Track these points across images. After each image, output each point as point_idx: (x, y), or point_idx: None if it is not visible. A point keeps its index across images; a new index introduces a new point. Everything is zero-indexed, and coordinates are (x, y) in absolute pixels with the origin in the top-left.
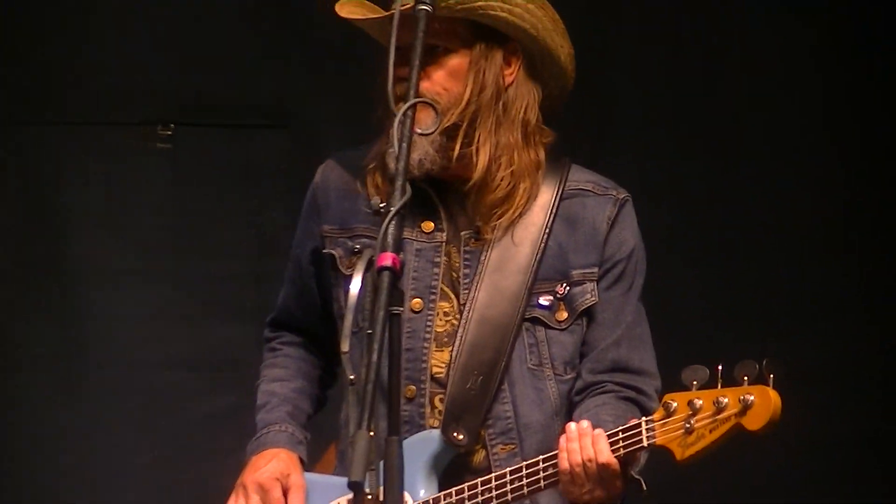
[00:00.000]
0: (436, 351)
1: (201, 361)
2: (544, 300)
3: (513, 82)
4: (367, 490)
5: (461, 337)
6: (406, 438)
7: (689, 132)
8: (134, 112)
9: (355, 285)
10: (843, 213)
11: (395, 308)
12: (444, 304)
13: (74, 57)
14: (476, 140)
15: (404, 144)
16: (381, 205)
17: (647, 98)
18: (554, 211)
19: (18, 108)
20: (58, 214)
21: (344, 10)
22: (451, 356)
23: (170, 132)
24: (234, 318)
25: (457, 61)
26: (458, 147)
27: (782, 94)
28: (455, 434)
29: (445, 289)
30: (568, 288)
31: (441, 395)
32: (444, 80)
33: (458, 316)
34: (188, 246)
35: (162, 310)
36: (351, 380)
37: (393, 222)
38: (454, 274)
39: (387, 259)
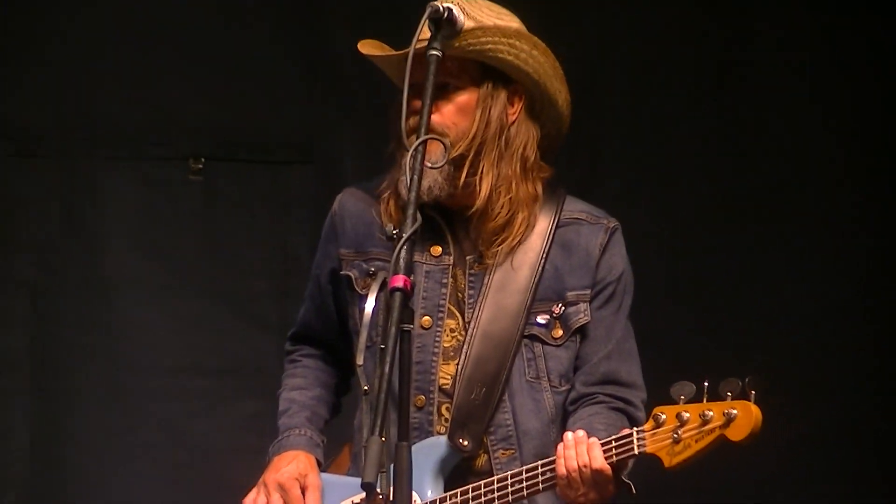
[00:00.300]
0: (443, 364)
1: (229, 369)
2: (542, 319)
3: (515, 121)
4: (379, 490)
5: (466, 352)
6: (415, 443)
7: (676, 144)
8: (169, 146)
9: (370, 304)
10: (843, 219)
11: (406, 325)
12: (451, 322)
13: (114, 94)
14: (480, 170)
15: (415, 176)
16: (394, 231)
17: (641, 107)
18: (551, 237)
19: (66, 143)
20: (99, 238)
21: (365, 48)
22: (457, 369)
23: (201, 165)
24: (259, 330)
25: (465, 98)
26: (463, 176)
27: (786, 98)
28: (460, 440)
29: (452, 308)
30: (563, 308)
31: (448, 405)
32: (453, 115)
33: (463, 332)
34: (219, 266)
35: (194, 323)
36: (365, 390)
37: (405, 247)
38: (460, 294)
39: (399, 281)
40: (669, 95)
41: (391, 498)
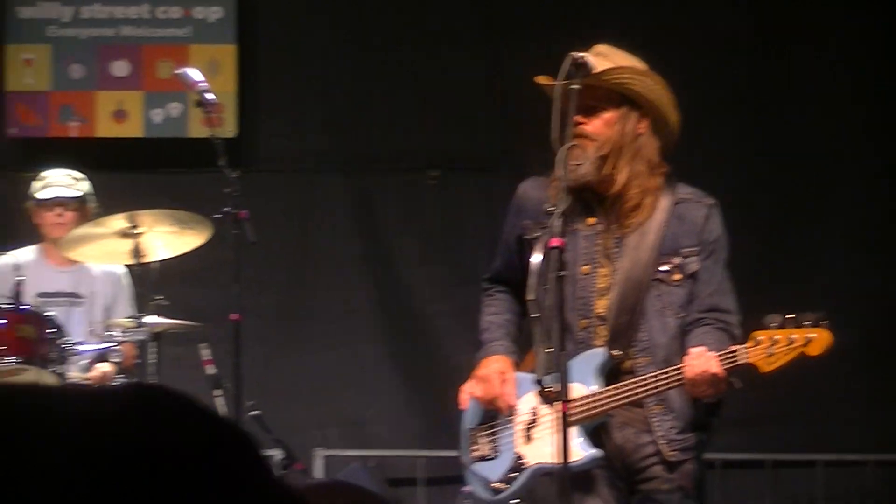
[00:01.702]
0: (598, 299)
1: (458, 312)
2: (665, 267)
3: (642, 133)
4: (546, 386)
5: (614, 290)
6: (581, 353)
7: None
8: (413, 163)
9: (536, 258)
10: (880, 211)
11: (561, 272)
12: (603, 270)
13: (378, 127)
14: (618, 166)
15: (565, 171)
16: (551, 208)
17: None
18: (669, 212)
19: (347, 161)
20: (374, 228)
21: (540, 80)
22: (608, 302)
23: (436, 174)
24: (471, 284)
25: (609, 115)
26: (606, 168)
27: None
28: (613, 350)
29: (603, 260)
30: (680, 260)
31: (603, 326)
32: (601, 127)
33: (612, 277)
34: (449, 244)
35: (446, 281)
36: (535, 317)
37: (559, 219)
38: (608, 251)
39: (555, 241)
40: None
41: (555, 390)
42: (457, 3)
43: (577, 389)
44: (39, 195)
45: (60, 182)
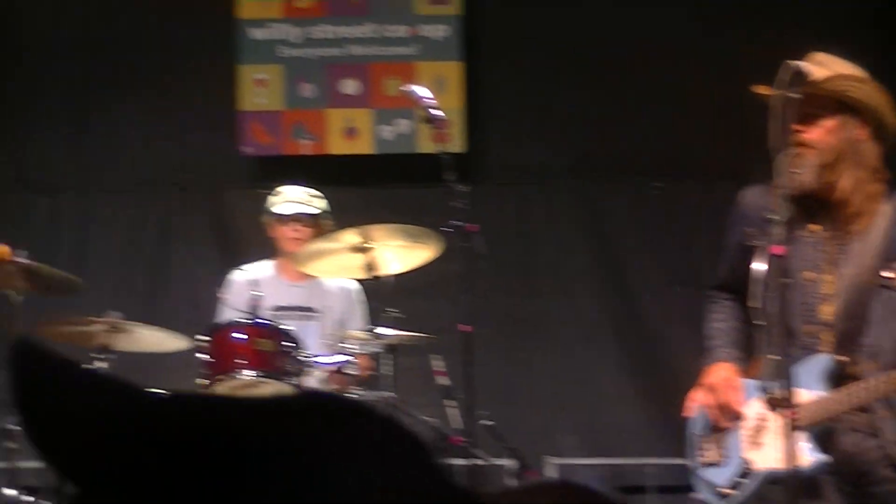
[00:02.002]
0: (823, 305)
1: (685, 319)
2: (889, 273)
3: (863, 140)
4: (772, 391)
5: (840, 296)
6: (806, 360)
7: None
8: (636, 170)
9: (758, 266)
10: None
11: (784, 280)
12: (827, 276)
13: (594, 135)
14: (840, 174)
15: (785, 180)
16: (773, 215)
17: None
18: (892, 218)
19: (574, 171)
20: (601, 237)
21: (759, 90)
22: (834, 308)
23: (660, 184)
24: (697, 291)
25: (829, 123)
26: (827, 175)
27: None
28: (840, 356)
29: (827, 266)
30: None
31: (828, 332)
32: (821, 134)
33: (836, 283)
34: (673, 251)
35: (660, 287)
36: (760, 324)
37: (781, 226)
38: (832, 257)
39: (777, 250)
40: None
41: (781, 396)
42: (673, 13)
43: (803, 395)
44: (277, 209)
45: (299, 199)
